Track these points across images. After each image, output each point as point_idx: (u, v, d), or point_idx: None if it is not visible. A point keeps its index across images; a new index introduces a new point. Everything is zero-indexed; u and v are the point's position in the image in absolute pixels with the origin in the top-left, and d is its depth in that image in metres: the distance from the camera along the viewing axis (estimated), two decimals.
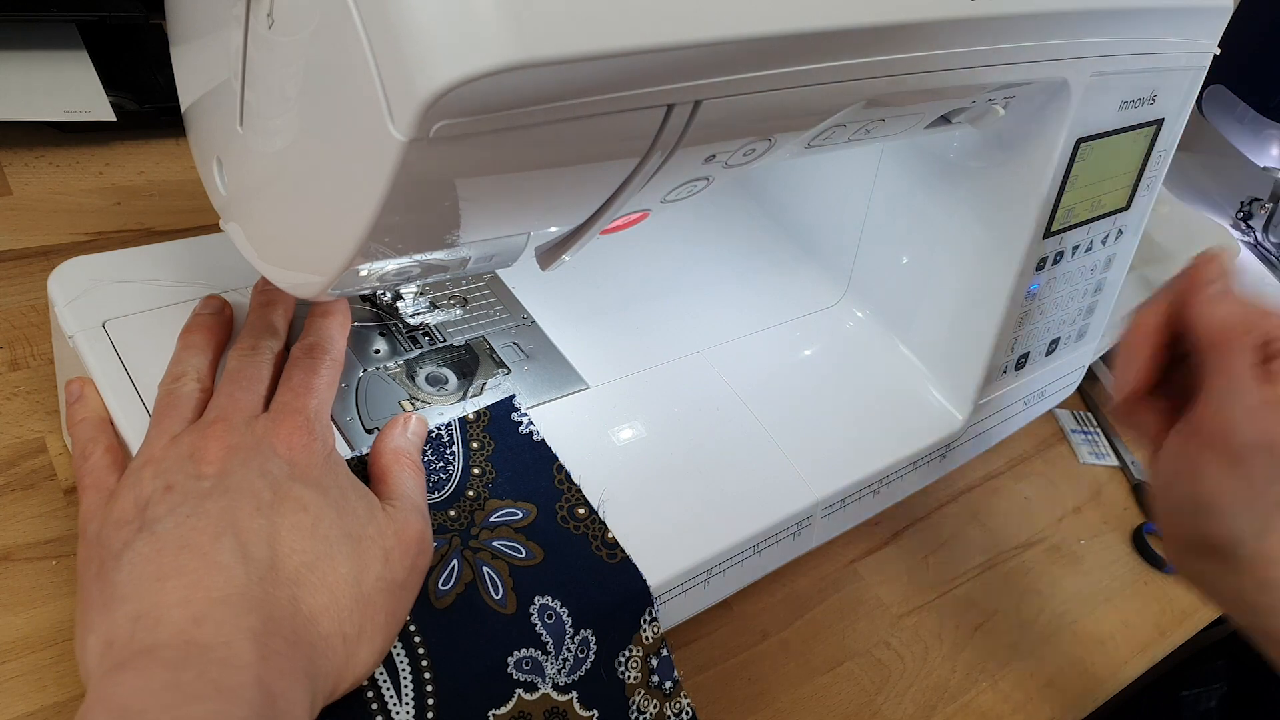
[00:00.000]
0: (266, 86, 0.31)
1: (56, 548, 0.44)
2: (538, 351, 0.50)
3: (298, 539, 0.33)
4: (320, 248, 0.33)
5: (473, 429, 0.43)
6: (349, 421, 0.42)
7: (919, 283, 0.58)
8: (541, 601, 0.39)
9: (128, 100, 0.66)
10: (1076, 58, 0.47)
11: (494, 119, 0.27)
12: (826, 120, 0.38)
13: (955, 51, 0.38)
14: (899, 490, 0.56)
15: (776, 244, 0.64)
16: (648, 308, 0.56)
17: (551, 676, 0.38)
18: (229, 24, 0.32)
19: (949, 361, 0.57)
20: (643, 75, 0.28)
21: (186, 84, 0.40)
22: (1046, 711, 0.55)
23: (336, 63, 0.27)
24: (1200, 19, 0.53)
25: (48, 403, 0.49)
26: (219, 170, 0.38)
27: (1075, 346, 0.64)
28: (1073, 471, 0.73)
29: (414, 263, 0.37)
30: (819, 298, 0.61)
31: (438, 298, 0.50)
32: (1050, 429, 0.76)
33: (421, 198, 0.30)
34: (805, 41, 0.31)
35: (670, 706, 0.41)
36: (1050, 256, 0.55)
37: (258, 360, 0.39)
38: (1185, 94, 0.56)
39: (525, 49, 0.25)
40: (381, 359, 0.46)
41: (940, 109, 0.45)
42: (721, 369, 0.53)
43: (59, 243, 0.58)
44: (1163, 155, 0.58)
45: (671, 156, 0.34)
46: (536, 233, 0.39)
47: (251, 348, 0.40)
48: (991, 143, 0.52)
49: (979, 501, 0.68)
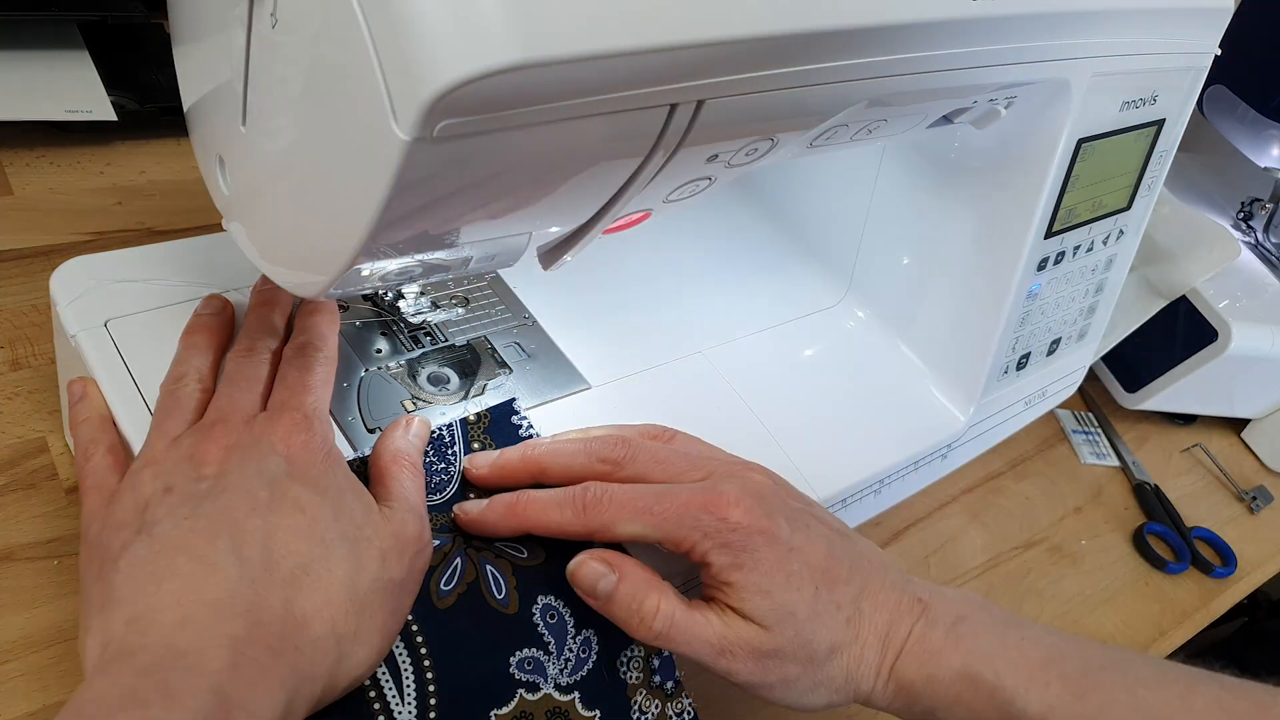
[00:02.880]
0: (269, 86, 0.31)
1: (58, 547, 0.44)
2: (539, 351, 0.50)
3: (294, 540, 0.33)
4: (322, 247, 0.33)
5: (474, 430, 0.43)
6: (350, 421, 0.42)
7: (920, 283, 0.58)
8: (544, 601, 0.39)
9: (129, 100, 0.66)
10: (1078, 58, 0.47)
11: (497, 118, 0.27)
12: (829, 120, 0.38)
13: (957, 52, 0.38)
14: (900, 490, 0.56)
15: (778, 244, 0.64)
16: (649, 308, 0.56)
17: (554, 676, 0.38)
18: (232, 23, 0.32)
19: (950, 361, 0.57)
20: (646, 75, 0.28)
21: (189, 83, 0.40)
22: None
23: (340, 62, 0.27)
24: (1201, 20, 0.53)
25: (49, 402, 0.49)
26: (221, 169, 0.38)
27: (1076, 347, 0.64)
28: (1073, 471, 0.73)
29: (416, 262, 0.37)
30: (820, 298, 0.61)
31: (439, 297, 0.50)
32: (1051, 429, 0.76)
33: (424, 197, 0.30)
34: (808, 41, 0.31)
35: (672, 707, 0.41)
36: (1051, 257, 0.55)
37: (255, 361, 0.39)
38: (1186, 94, 0.56)
39: (529, 48, 0.25)
40: (383, 358, 0.46)
41: (942, 109, 0.46)
42: (723, 369, 0.53)
43: (60, 242, 0.58)
44: (1163, 155, 0.58)
45: (674, 156, 0.34)
46: (538, 232, 0.39)
47: (249, 349, 0.40)
48: (993, 143, 0.52)
49: (980, 501, 0.68)
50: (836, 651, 0.39)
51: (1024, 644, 0.39)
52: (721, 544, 0.38)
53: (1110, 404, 0.81)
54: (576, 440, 0.41)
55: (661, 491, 0.39)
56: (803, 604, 0.38)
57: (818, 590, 0.39)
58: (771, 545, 0.38)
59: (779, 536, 0.39)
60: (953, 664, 0.39)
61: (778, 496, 0.40)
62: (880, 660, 0.40)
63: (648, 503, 0.38)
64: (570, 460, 0.40)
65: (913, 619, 0.40)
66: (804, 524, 0.40)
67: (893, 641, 0.40)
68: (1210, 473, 0.79)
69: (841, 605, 0.39)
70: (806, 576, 0.39)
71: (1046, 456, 0.74)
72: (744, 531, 0.38)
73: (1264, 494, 0.78)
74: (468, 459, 0.41)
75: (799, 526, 0.40)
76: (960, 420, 0.57)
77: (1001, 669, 0.38)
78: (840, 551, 0.40)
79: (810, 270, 0.63)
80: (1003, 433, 0.63)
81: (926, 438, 0.56)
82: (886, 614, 0.40)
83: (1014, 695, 0.38)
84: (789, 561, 0.38)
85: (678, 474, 0.40)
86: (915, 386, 0.58)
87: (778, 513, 0.39)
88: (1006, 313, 0.54)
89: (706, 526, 0.38)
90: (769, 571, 0.38)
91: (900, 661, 0.39)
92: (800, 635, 0.38)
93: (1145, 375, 0.78)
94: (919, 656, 0.39)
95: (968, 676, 0.38)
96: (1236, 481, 0.79)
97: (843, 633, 0.39)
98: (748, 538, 0.38)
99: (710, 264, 0.61)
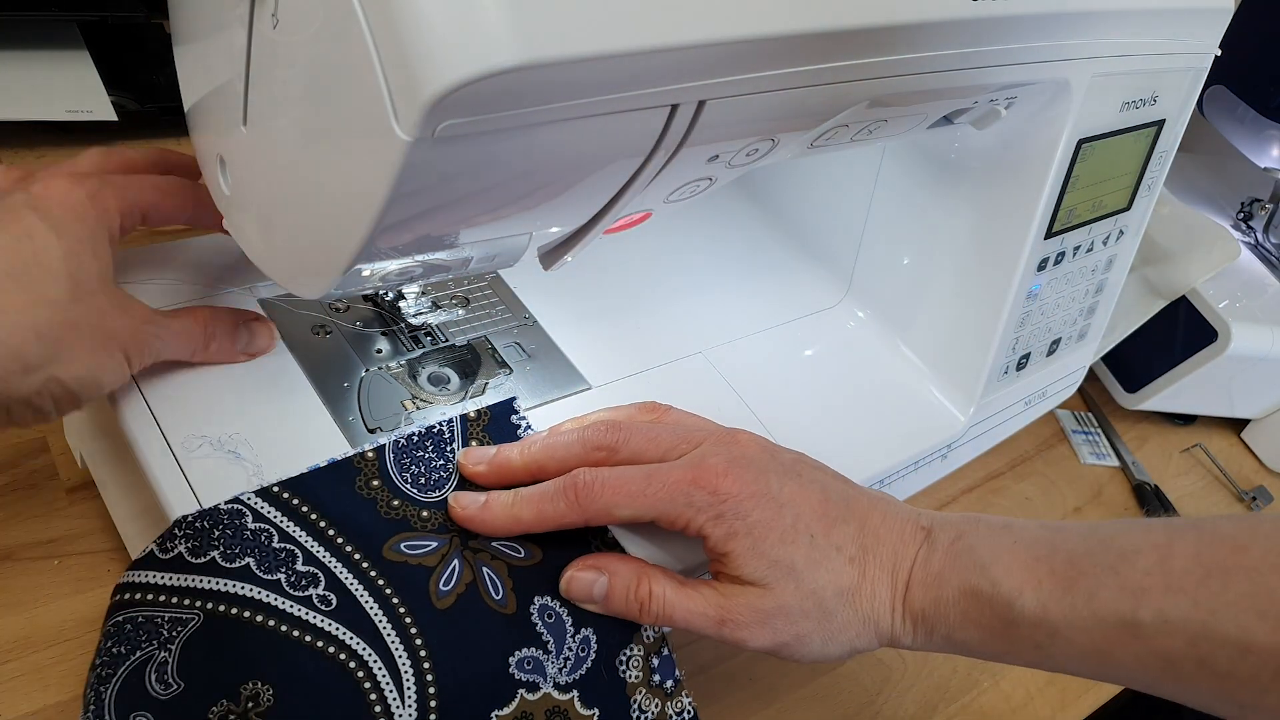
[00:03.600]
0: (270, 86, 0.31)
1: (58, 547, 0.44)
2: (540, 351, 0.50)
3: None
4: (324, 247, 0.33)
5: (473, 427, 0.43)
6: (350, 421, 0.42)
7: (920, 283, 0.58)
8: (541, 601, 0.39)
9: (129, 100, 0.66)
10: (1078, 58, 0.47)
11: (498, 119, 0.27)
12: (830, 120, 0.38)
13: (958, 52, 0.38)
14: (900, 490, 0.56)
15: (778, 244, 0.64)
16: (649, 308, 0.56)
17: (553, 676, 0.38)
18: (232, 24, 0.32)
19: (950, 362, 0.57)
20: (647, 75, 0.28)
21: (190, 83, 0.40)
22: (1047, 711, 0.55)
23: (341, 62, 0.27)
24: (1201, 20, 0.53)
25: None
26: (222, 170, 0.38)
27: (1076, 347, 0.64)
28: (1074, 472, 0.73)
29: (416, 262, 0.37)
30: (820, 298, 0.61)
31: (440, 297, 0.50)
32: (1051, 429, 0.76)
33: (425, 197, 0.30)
34: (809, 42, 0.31)
35: (672, 705, 0.41)
36: (1051, 257, 0.55)
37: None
38: (1186, 95, 0.56)
39: (530, 49, 0.25)
40: (384, 359, 0.46)
41: (942, 109, 0.46)
42: (723, 369, 0.53)
43: None
44: (1164, 156, 0.58)
45: (675, 157, 0.34)
46: (539, 233, 0.39)
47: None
48: (993, 143, 0.52)
49: (980, 502, 0.68)
50: (846, 595, 0.39)
51: (1015, 546, 0.39)
52: (715, 516, 0.38)
53: (1110, 404, 0.81)
54: (571, 431, 0.41)
55: (651, 471, 0.39)
56: (799, 555, 0.38)
57: (814, 538, 0.39)
58: (763, 506, 0.38)
59: (770, 495, 0.39)
60: (954, 583, 0.39)
61: (767, 455, 0.40)
62: (892, 595, 0.39)
63: (639, 485, 0.38)
64: (566, 453, 0.40)
65: (916, 547, 0.40)
66: (795, 474, 0.40)
67: (900, 573, 0.40)
68: (1210, 473, 0.79)
69: (842, 546, 0.39)
70: (801, 528, 0.39)
71: (1046, 457, 0.74)
72: (735, 500, 0.38)
73: (1264, 494, 0.78)
74: (462, 453, 0.42)
75: (790, 478, 0.40)
76: (960, 420, 0.57)
77: (998, 576, 0.38)
78: (836, 493, 0.40)
79: (810, 270, 0.63)
80: (1003, 433, 0.63)
81: (926, 438, 0.56)
82: (890, 546, 0.40)
83: (1011, 599, 0.37)
84: (781, 517, 0.39)
85: (671, 448, 0.40)
86: (915, 386, 0.58)
87: (768, 472, 0.39)
88: (1006, 313, 0.54)
89: (699, 501, 0.38)
90: (762, 534, 0.38)
91: (910, 592, 0.39)
92: (802, 586, 0.38)
93: (1145, 375, 0.78)
94: (924, 583, 0.39)
95: (969, 591, 0.38)
96: (1236, 482, 0.79)
97: (847, 573, 0.39)
98: (739, 505, 0.38)
99: (710, 264, 0.61)
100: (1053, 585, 0.37)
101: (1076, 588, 0.37)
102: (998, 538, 0.39)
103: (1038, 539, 0.39)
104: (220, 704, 0.33)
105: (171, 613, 0.35)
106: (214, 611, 0.35)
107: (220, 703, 0.33)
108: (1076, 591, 0.37)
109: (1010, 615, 0.37)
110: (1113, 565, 0.37)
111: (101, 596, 0.36)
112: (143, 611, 0.35)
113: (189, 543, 0.36)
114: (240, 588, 0.35)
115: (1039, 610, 0.37)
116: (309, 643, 0.35)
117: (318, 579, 0.36)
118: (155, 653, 0.34)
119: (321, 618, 0.35)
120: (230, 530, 0.36)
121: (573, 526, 0.39)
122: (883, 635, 0.40)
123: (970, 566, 0.39)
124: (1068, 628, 0.37)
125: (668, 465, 0.39)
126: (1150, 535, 0.37)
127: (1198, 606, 0.34)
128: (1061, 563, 0.38)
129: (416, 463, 0.41)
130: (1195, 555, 0.36)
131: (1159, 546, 0.37)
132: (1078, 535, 0.39)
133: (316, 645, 0.35)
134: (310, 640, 0.35)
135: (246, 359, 0.42)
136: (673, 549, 0.42)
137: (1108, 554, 0.37)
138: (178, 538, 0.35)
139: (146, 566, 0.35)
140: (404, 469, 0.40)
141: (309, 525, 0.37)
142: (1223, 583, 0.34)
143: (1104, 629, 0.36)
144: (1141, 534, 0.38)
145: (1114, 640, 0.36)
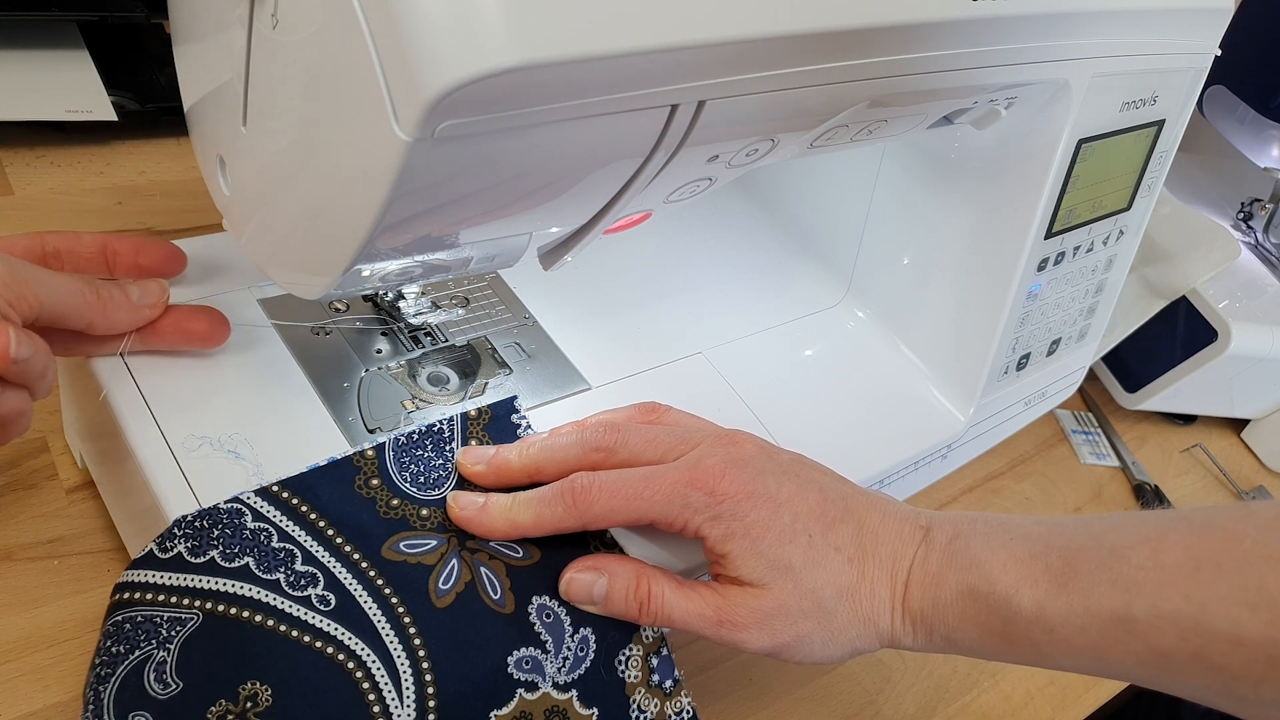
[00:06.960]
0: (270, 86, 0.32)
1: (58, 547, 0.44)
2: (539, 351, 0.50)
3: None
4: (324, 248, 0.33)
5: (473, 426, 0.43)
6: (350, 421, 0.42)
7: (920, 283, 0.58)
8: (539, 601, 0.39)
9: (129, 100, 0.66)
10: (1078, 59, 0.47)
11: (498, 119, 0.27)
12: (829, 120, 0.38)
13: (958, 52, 0.38)
14: (900, 490, 0.56)
15: (778, 244, 0.64)
16: (649, 308, 0.56)
17: (551, 675, 0.38)
18: (232, 24, 0.32)
19: (950, 362, 0.57)
20: (647, 76, 0.28)
21: (190, 83, 0.40)
22: (1047, 711, 0.55)
23: (341, 63, 0.27)
24: (1201, 20, 0.53)
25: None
26: (222, 170, 0.38)
27: (1076, 347, 0.64)
28: (1073, 472, 0.73)
29: (416, 262, 0.37)
30: (820, 298, 0.61)
31: (440, 297, 0.50)
32: (1051, 429, 0.76)
33: (425, 198, 0.30)
34: (809, 42, 0.31)
35: (671, 705, 0.41)
36: (1051, 257, 0.55)
37: None
38: (1186, 95, 0.56)
39: (530, 50, 0.25)
40: (383, 359, 0.46)
41: (942, 109, 0.46)
42: (723, 369, 0.53)
43: None
44: (1164, 156, 0.58)
45: (675, 157, 0.34)
46: (539, 233, 0.39)
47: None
48: (993, 143, 0.52)
49: (980, 502, 0.68)
50: (845, 595, 0.39)
51: (1011, 544, 0.39)
52: (712, 517, 0.38)
53: (1110, 404, 0.81)
54: (569, 433, 0.41)
55: (649, 474, 0.39)
56: (797, 554, 0.38)
57: (812, 538, 0.39)
58: (760, 506, 0.38)
59: (767, 495, 0.39)
60: (951, 582, 0.38)
61: (765, 455, 0.40)
62: (892, 595, 0.39)
63: (636, 488, 0.38)
64: (565, 455, 0.40)
65: (914, 546, 0.40)
66: (793, 474, 0.40)
67: (899, 573, 0.39)
68: (1210, 473, 0.79)
69: (841, 546, 0.39)
70: (799, 527, 0.39)
71: (1046, 457, 0.74)
72: (732, 500, 0.38)
73: (1264, 494, 0.78)
74: (461, 452, 0.42)
75: (788, 478, 0.40)
76: (960, 420, 0.57)
77: (994, 574, 0.38)
78: (834, 493, 0.40)
79: (810, 270, 0.63)
80: (1003, 433, 0.63)
81: (926, 438, 0.56)
82: (889, 546, 0.40)
83: (1008, 598, 0.37)
84: (779, 517, 0.38)
85: (669, 449, 0.40)
86: (915, 386, 0.58)
87: (766, 472, 0.39)
88: (1006, 313, 0.54)
89: (696, 503, 0.38)
90: (760, 534, 0.38)
91: (909, 592, 0.39)
92: (800, 586, 0.38)
93: (1145, 375, 0.78)
94: (922, 583, 0.39)
95: (966, 590, 0.38)
96: (1236, 482, 0.79)
97: (846, 573, 0.39)
98: (736, 505, 0.38)
99: (710, 264, 0.61)
100: (1048, 583, 0.37)
101: (1072, 585, 0.37)
102: (994, 535, 0.39)
103: (1033, 535, 0.39)
104: (219, 704, 0.33)
105: (171, 612, 0.35)
106: (213, 611, 0.35)
107: (219, 702, 0.33)
108: (1072, 589, 0.37)
109: (1008, 614, 0.37)
110: (1106, 561, 0.37)
111: (101, 596, 0.36)
112: (142, 611, 0.35)
113: (188, 542, 0.36)
114: (239, 587, 0.35)
115: (1035, 609, 0.37)
116: (308, 643, 0.35)
117: (317, 579, 0.36)
118: (154, 652, 0.34)
119: (320, 618, 0.35)
120: (229, 530, 0.36)
121: (570, 531, 0.39)
122: (883, 636, 0.40)
123: (967, 565, 0.39)
124: (1064, 626, 0.37)
125: (665, 467, 0.39)
126: (1143, 529, 0.37)
127: (1189, 600, 0.34)
128: (1057, 559, 0.38)
129: (416, 461, 0.41)
130: (1186, 548, 0.35)
131: (1151, 540, 0.36)
132: (1073, 530, 0.39)
133: (315, 645, 0.35)
134: (309, 640, 0.35)
135: (151, 313, 0.40)
136: (672, 550, 0.42)
137: (1101, 549, 0.37)
138: (177, 537, 0.36)
139: (146, 566, 0.35)
140: (403, 468, 0.40)
141: (308, 525, 0.37)
142: (1214, 576, 0.34)
143: (1099, 626, 0.36)
144: (1135, 527, 0.38)
145: (1110, 636, 0.36)
